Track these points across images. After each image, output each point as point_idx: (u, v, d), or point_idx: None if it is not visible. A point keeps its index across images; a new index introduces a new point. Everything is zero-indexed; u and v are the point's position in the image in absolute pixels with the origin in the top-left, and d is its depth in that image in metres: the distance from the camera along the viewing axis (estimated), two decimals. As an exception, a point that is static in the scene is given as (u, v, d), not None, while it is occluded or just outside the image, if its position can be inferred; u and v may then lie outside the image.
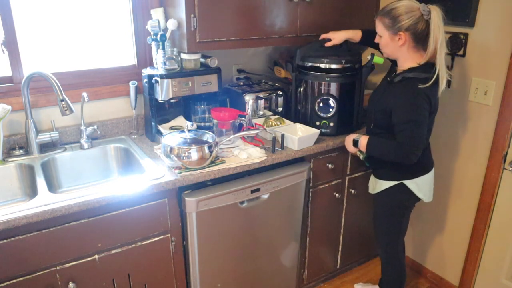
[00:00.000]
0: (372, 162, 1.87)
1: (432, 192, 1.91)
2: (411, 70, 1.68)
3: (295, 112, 2.16)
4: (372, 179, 1.95)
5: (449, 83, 2.03)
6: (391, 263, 2.01)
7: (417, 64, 1.67)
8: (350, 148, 1.88)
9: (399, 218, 1.89)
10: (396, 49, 1.70)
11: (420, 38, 1.65)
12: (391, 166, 1.80)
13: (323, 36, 2.03)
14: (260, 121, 2.06)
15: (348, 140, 1.88)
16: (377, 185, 1.89)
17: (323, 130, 2.03)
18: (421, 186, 1.82)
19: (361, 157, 1.88)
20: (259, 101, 2.13)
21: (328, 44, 2.01)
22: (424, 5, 1.62)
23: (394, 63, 1.84)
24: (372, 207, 1.99)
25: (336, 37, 2.00)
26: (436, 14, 1.60)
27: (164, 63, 1.84)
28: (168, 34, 1.85)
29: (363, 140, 1.79)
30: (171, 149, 1.63)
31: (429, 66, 1.64)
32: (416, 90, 1.61)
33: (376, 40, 1.75)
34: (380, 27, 1.70)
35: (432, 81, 1.61)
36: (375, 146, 1.77)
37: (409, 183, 1.80)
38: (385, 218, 1.92)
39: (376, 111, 1.78)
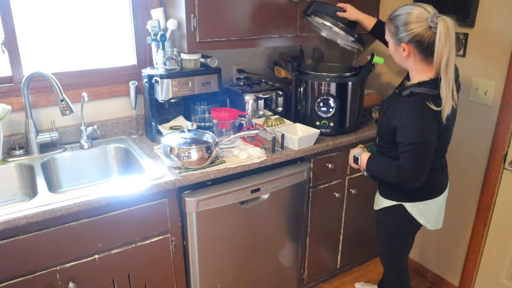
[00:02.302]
0: (377, 177, 1.72)
1: (442, 219, 1.75)
2: (420, 84, 1.49)
3: (295, 112, 2.16)
4: (377, 193, 1.81)
5: None
6: (394, 279, 1.90)
7: (428, 78, 1.49)
8: (353, 164, 1.76)
9: (399, 239, 1.77)
10: (402, 60, 1.55)
11: (428, 51, 1.45)
12: (392, 185, 1.63)
13: (340, 4, 1.88)
14: (260, 121, 2.06)
15: (350, 156, 1.76)
16: (378, 202, 1.77)
17: (323, 130, 2.03)
18: (424, 211, 1.65)
19: (365, 173, 1.77)
20: (259, 101, 2.12)
21: (340, 14, 1.87)
22: (434, 15, 1.41)
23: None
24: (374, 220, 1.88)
25: (351, 12, 1.86)
26: (443, 28, 1.37)
27: (164, 63, 1.84)
28: (168, 34, 1.85)
29: (364, 158, 1.67)
30: (171, 149, 1.63)
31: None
32: (423, 110, 1.44)
33: (388, 45, 1.61)
34: (387, 33, 1.55)
35: (442, 106, 1.43)
36: (375, 165, 1.64)
37: (409, 207, 1.65)
38: (385, 238, 1.81)
39: (382, 124, 1.63)
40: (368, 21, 1.88)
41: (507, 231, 2.01)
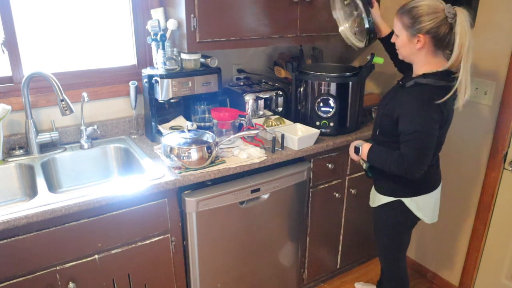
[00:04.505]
0: (375, 173, 1.74)
1: (437, 213, 1.78)
2: (425, 75, 1.52)
3: (295, 112, 2.16)
4: (373, 191, 1.83)
5: None
6: (392, 277, 1.91)
7: (434, 71, 1.52)
8: (353, 155, 1.76)
9: (398, 235, 1.79)
10: (413, 52, 1.55)
11: (441, 42, 1.49)
12: (390, 181, 1.68)
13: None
14: (260, 121, 2.06)
15: (351, 146, 1.76)
16: (375, 199, 1.79)
17: (323, 130, 2.03)
18: (422, 205, 1.68)
19: (364, 166, 1.76)
20: (259, 101, 2.13)
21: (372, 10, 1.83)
22: (450, 6, 1.45)
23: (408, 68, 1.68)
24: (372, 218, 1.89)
25: (375, 12, 1.83)
26: (463, 18, 1.43)
27: (164, 63, 1.84)
28: (168, 34, 1.85)
29: (365, 148, 1.67)
30: (171, 149, 1.63)
31: (447, 74, 1.50)
32: (427, 99, 1.47)
33: (392, 39, 1.62)
34: (398, 26, 1.55)
35: (451, 92, 1.46)
36: (376, 155, 1.64)
37: (408, 202, 1.67)
38: (384, 235, 1.81)
39: (382, 116, 1.64)
40: (385, 28, 1.87)
41: (507, 231, 2.01)
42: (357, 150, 1.73)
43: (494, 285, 2.12)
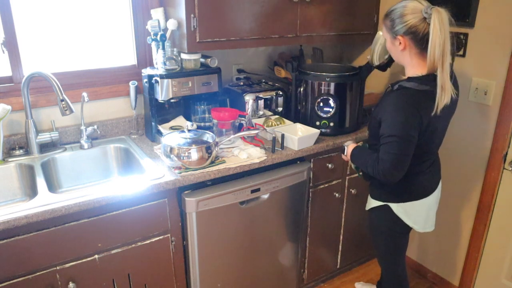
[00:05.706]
0: (365, 174, 1.72)
1: (432, 222, 1.73)
2: (410, 79, 1.50)
3: (295, 112, 2.16)
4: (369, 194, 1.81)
5: None
6: (391, 279, 1.88)
7: (420, 74, 1.48)
8: (343, 155, 1.77)
9: (392, 239, 1.74)
10: (398, 54, 1.54)
11: (425, 42, 1.44)
12: (376, 184, 1.67)
13: None
14: (260, 121, 2.06)
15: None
16: (369, 202, 1.77)
17: (323, 130, 2.03)
18: (411, 212, 1.63)
19: (353, 166, 1.79)
20: (259, 101, 2.12)
21: None
22: (428, 6, 1.42)
23: None
24: None
25: None
26: (437, 17, 1.38)
27: (164, 63, 1.84)
28: (168, 34, 1.85)
29: (350, 148, 1.69)
30: (171, 149, 1.63)
31: (432, 79, 1.45)
32: (407, 104, 1.44)
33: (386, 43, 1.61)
34: (383, 30, 1.57)
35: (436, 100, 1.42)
36: (357, 156, 1.64)
37: (395, 207, 1.63)
38: (378, 239, 1.79)
39: (371, 118, 1.63)
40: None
41: (507, 231, 2.01)
42: (343, 149, 1.73)
43: (494, 285, 2.12)
